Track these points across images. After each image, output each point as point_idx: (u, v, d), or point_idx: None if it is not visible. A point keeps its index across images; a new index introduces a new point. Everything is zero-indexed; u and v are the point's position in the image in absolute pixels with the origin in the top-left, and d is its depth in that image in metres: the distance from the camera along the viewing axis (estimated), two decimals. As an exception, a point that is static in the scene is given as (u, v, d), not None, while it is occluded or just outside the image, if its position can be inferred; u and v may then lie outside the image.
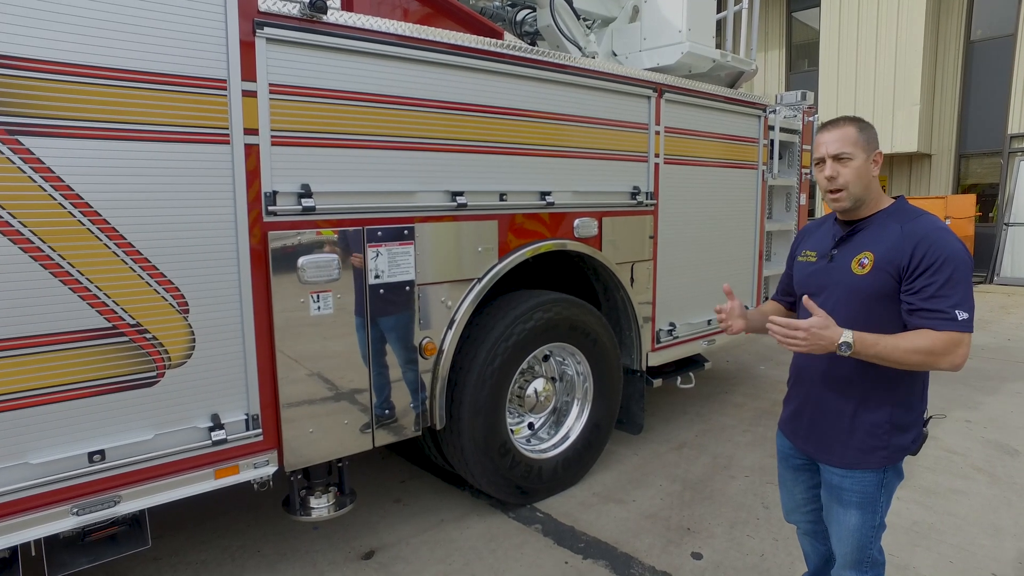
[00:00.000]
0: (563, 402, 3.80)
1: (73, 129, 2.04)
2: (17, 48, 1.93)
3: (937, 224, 1.82)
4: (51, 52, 1.98)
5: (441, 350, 3.04)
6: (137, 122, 2.15)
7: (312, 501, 2.89)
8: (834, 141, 1.88)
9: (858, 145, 1.87)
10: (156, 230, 2.22)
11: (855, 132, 1.87)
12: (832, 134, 1.89)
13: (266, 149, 2.45)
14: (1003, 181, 12.30)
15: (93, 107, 2.06)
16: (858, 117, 1.93)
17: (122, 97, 2.12)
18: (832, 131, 1.90)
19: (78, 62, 2.03)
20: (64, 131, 2.02)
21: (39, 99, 1.98)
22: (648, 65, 4.29)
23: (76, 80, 2.03)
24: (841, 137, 1.87)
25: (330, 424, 2.73)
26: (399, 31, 2.74)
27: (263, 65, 2.40)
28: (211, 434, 2.39)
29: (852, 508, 1.94)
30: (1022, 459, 4.16)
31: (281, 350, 2.55)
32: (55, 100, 2.00)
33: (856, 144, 1.86)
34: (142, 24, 2.13)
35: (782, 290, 2.31)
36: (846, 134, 1.87)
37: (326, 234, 2.62)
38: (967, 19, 12.91)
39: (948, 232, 1.80)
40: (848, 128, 1.88)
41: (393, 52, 2.73)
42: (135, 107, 2.14)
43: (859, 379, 1.89)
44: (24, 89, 1.95)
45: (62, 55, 2.00)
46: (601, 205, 3.67)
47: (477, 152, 3.07)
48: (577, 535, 3.26)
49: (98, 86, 2.07)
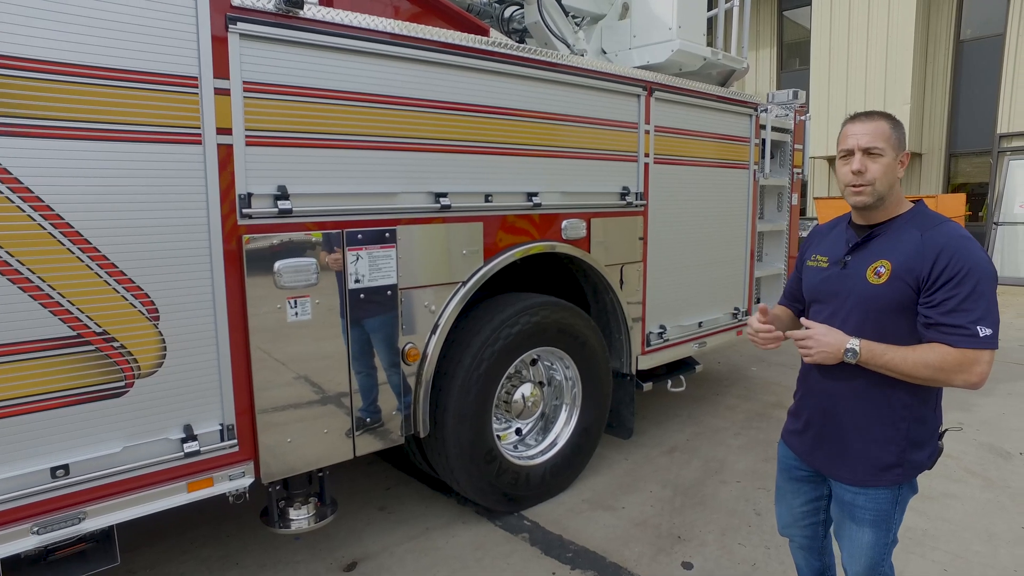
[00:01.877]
0: (551, 407, 3.72)
1: (32, 128, 1.94)
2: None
3: (960, 232, 1.73)
4: (6, 46, 1.88)
5: (425, 356, 2.95)
6: (102, 121, 2.05)
7: (292, 512, 2.80)
8: (866, 134, 1.76)
9: (890, 142, 1.77)
10: (124, 234, 2.13)
11: (888, 128, 1.77)
12: (865, 126, 1.78)
13: (240, 149, 2.36)
14: (993, 180, 12.32)
15: (54, 105, 1.96)
16: (889, 113, 1.82)
17: (85, 95, 2.02)
18: (865, 123, 1.78)
19: (36, 57, 1.92)
20: (22, 130, 1.92)
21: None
22: (638, 63, 4.22)
23: (34, 76, 1.93)
24: (874, 131, 1.76)
25: (309, 433, 2.64)
26: (380, 27, 2.65)
27: (236, 62, 2.31)
28: (183, 446, 2.30)
29: (866, 526, 1.87)
30: (1016, 462, 4.12)
31: (257, 358, 2.46)
32: (11, 97, 1.90)
33: (888, 140, 1.76)
34: (107, 18, 2.03)
35: (790, 295, 2.19)
36: (880, 128, 1.76)
37: (303, 237, 2.53)
38: (957, 18, 12.93)
39: (971, 241, 1.71)
40: (882, 123, 1.77)
41: (373, 49, 2.65)
42: (99, 105, 2.04)
43: (872, 392, 1.80)
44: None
45: (18, 49, 1.90)
46: (590, 206, 3.59)
47: (461, 152, 2.98)
48: (565, 544, 3.19)
49: (59, 83, 1.97)
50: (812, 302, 1.99)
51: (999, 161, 12.25)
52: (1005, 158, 12.15)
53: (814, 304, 1.98)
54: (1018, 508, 3.51)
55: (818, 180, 14.27)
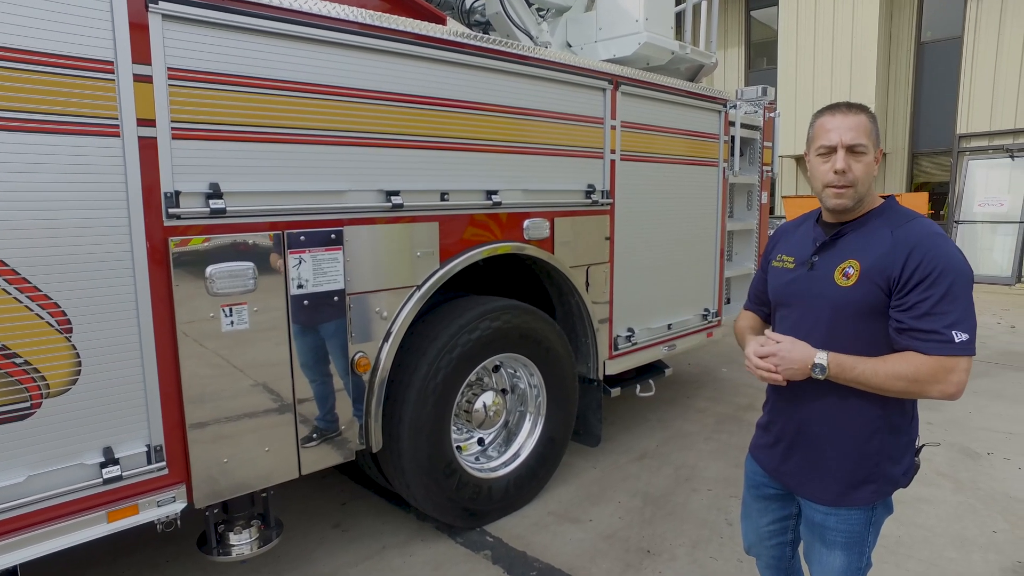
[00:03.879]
0: (515, 415, 3.55)
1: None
2: None
3: (932, 229, 1.60)
4: None
5: (377, 365, 2.76)
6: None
7: (232, 538, 2.58)
8: (851, 129, 1.60)
9: (871, 138, 1.62)
10: (27, 236, 1.90)
11: (869, 123, 1.62)
12: (848, 120, 1.61)
13: (165, 143, 2.14)
14: (953, 179, 12.52)
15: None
16: (866, 106, 1.67)
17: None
18: (847, 116, 1.62)
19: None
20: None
21: None
22: (604, 56, 4.08)
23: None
24: (857, 126, 1.61)
25: (249, 452, 2.43)
26: (323, 11, 2.45)
27: (159, 46, 2.09)
28: (102, 471, 2.07)
29: (837, 549, 1.73)
30: (984, 463, 4.08)
31: (188, 372, 2.25)
32: None
33: (870, 137, 1.62)
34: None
35: (755, 298, 2.03)
36: (862, 123, 1.61)
37: (239, 240, 2.32)
38: (918, 20, 13.13)
39: (945, 239, 1.59)
40: (863, 117, 1.62)
41: (315, 35, 2.44)
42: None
43: (846, 402, 1.66)
44: None
45: None
46: (553, 205, 3.43)
47: (415, 147, 2.79)
48: (530, 561, 3.03)
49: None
50: (778, 306, 1.85)
51: (959, 161, 12.46)
52: (965, 158, 12.36)
53: (780, 308, 1.84)
54: (988, 511, 3.46)
55: (786, 179, 14.38)
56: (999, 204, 11.64)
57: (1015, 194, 11.47)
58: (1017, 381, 5.82)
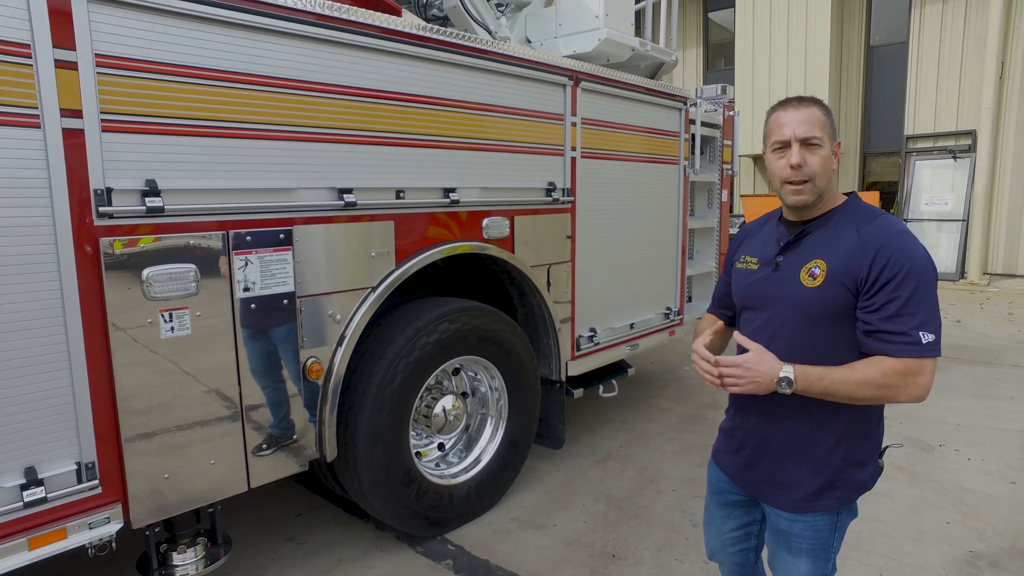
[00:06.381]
0: (476, 419, 3.46)
1: None
2: None
3: (898, 228, 1.57)
4: None
5: (330, 371, 2.63)
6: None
7: (175, 558, 2.43)
8: (803, 123, 1.58)
9: (826, 130, 1.60)
10: (-66, 237, 1.73)
11: (822, 116, 1.60)
12: (799, 114, 1.59)
13: (94, 136, 1.98)
14: (902, 179, 12.92)
15: None
16: (819, 99, 1.65)
17: None
18: (799, 110, 1.60)
19: None
20: None
21: None
22: (565, 52, 4.01)
23: None
24: (810, 119, 1.58)
25: (193, 466, 2.28)
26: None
27: (84, 29, 1.93)
28: (23, 493, 1.91)
29: (802, 556, 1.69)
30: (936, 455, 4.17)
31: (123, 383, 2.09)
32: None
33: (824, 129, 1.59)
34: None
35: (719, 301, 1.99)
36: (814, 116, 1.59)
37: (179, 240, 2.17)
38: (867, 25, 13.49)
39: (910, 237, 1.56)
40: (815, 110, 1.60)
41: (264, 24, 2.31)
42: None
43: (812, 405, 1.61)
44: None
45: None
46: (513, 203, 3.34)
47: (369, 143, 2.67)
48: (493, 570, 2.94)
49: None
50: (743, 308, 1.80)
51: (907, 161, 12.86)
52: (912, 158, 12.77)
53: (745, 311, 1.79)
54: (942, 503, 3.52)
55: (744, 178, 14.63)
56: (944, 203, 12.08)
57: (958, 193, 11.92)
58: (964, 374, 6.01)
